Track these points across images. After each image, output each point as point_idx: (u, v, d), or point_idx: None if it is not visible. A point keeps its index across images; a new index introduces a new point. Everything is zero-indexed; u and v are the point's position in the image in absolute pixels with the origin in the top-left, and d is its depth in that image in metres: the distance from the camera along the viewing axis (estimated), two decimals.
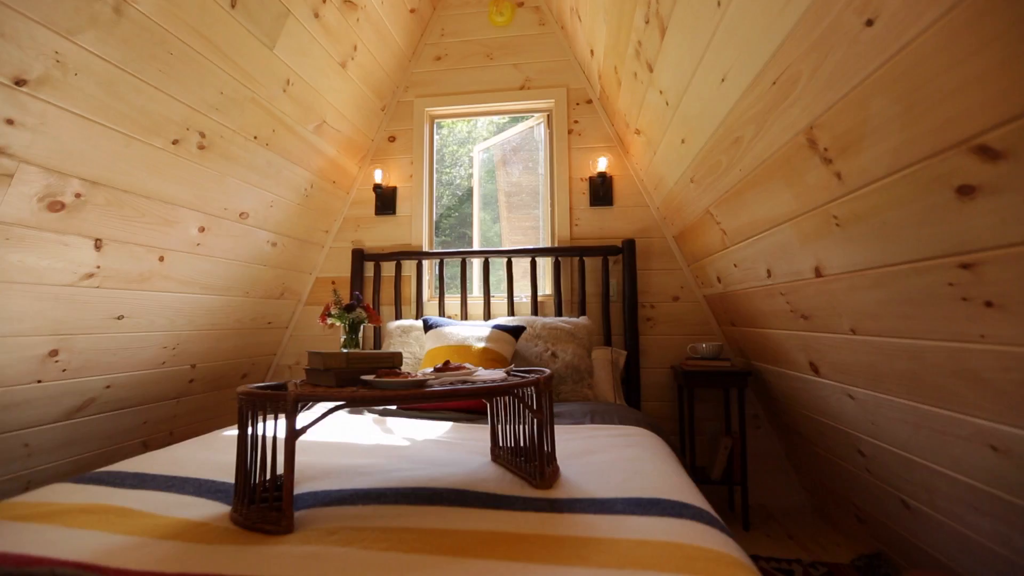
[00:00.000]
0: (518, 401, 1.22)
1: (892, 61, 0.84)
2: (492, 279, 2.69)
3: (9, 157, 1.27)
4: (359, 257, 2.73)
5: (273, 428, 0.99)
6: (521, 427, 1.24)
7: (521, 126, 3.00)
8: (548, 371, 1.30)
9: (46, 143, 1.33)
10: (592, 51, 2.39)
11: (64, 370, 1.63)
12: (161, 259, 1.80)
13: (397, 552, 0.80)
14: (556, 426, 1.72)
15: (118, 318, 1.73)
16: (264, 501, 0.96)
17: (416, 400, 1.03)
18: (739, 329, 2.23)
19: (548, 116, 2.82)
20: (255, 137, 1.99)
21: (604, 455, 1.37)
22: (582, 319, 2.37)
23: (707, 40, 1.33)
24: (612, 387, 2.25)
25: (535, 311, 2.57)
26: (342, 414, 1.91)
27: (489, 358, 1.99)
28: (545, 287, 2.75)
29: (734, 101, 1.36)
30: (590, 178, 2.66)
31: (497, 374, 1.23)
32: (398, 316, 2.67)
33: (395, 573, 0.72)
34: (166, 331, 1.96)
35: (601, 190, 2.63)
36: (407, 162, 2.85)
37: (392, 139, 2.88)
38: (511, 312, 2.59)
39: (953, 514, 1.29)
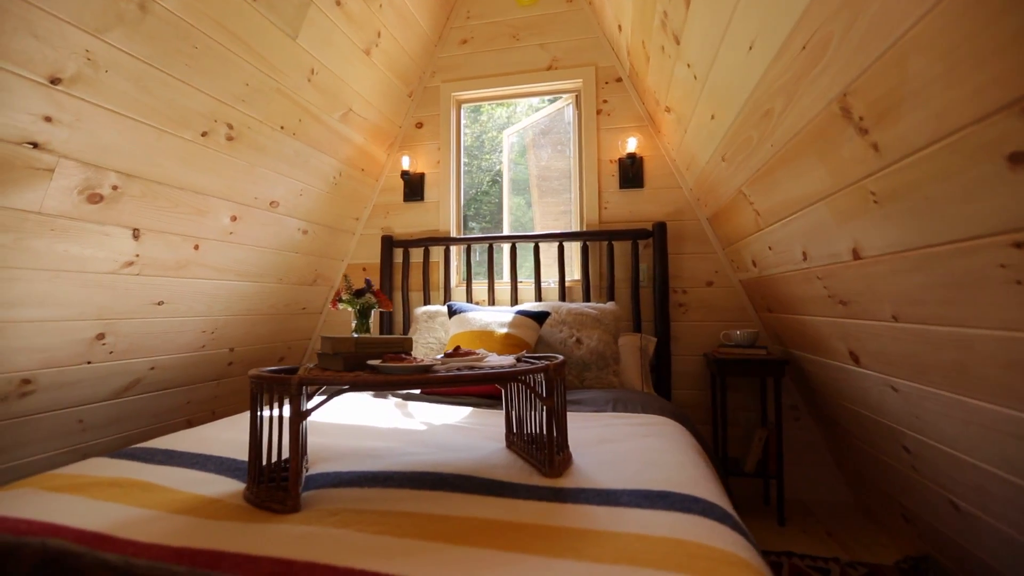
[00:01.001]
0: (527, 388, 1.20)
1: (932, 13, 0.74)
2: (525, 264, 2.65)
3: (49, 153, 1.35)
4: (388, 244, 2.77)
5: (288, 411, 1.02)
6: (534, 414, 1.22)
7: (551, 108, 2.93)
8: (560, 358, 1.28)
9: (82, 138, 1.40)
10: (620, 26, 2.29)
11: (111, 352, 1.74)
12: (196, 247, 1.88)
13: (390, 536, 0.80)
14: (576, 413, 1.69)
15: (158, 304, 1.83)
16: (272, 481, 0.99)
17: (419, 385, 1.03)
18: (776, 316, 2.11)
19: (576, 96, 2.73)
20: (282, 127, 2.03)
21: (621, 444, 1.33)
22: (609, 304, 2.31)
23: (732, 4, 1.23)
24: (640, 374, 2.19)
25: (563, 296, 2.53)
26: (366, 398, 1.95)
27: (511, 344, 1.98)
28: (574, 272, 2.70)
29: (763, 70, 1.26)
30: (620, 160, 2.57)
31: (506, 360, 1.21)
32: (427, 302, 2.70)
33: (383, 557, 0.72)
34: (204, 316, 2.06)
35: (631, 172, 2.54)
36: (435, 148, 2.85)
37: (419, 125, 2.88)
38: (539, 297, 2.56)
39: (1006, 518, 1.17)
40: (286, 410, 1.23)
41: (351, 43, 2.17)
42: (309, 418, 1.62)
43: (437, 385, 1.04)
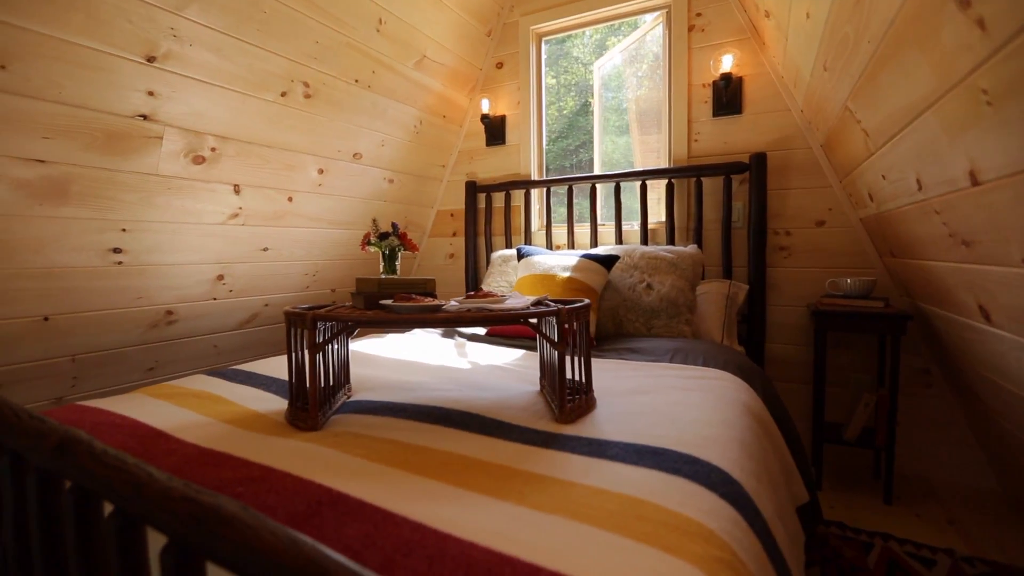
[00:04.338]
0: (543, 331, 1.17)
1: None
2: (615, 205, 2.49)
3: (156, 123, 1.60)
4: (472, 189, 2.82)
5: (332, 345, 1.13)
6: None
7: (639, 31, 2.62)
8: (585, 301, 1.22)
9: (180, 108, 1.63)
10: None
11: (230, 291, 2.09)
12: (290, 199, 2.12)
13: (365, 460, 0.87)
14: (627, 362, 1.62)
15: (264, 250, 2.13)
16: (301, 402, 1.12)
17: (423, 324, 1.06)
18: (900, 261, 1.73)
19: (667, 13, 2.40)
20: (356, 80, 2.13)
21: (654, 396, 1.25)
22: (689, 248, 2.10)
23: None
24: (721, 324, 1.99)
25: (644, 240, 2.37)
26: (434, 337, 2.08)
27: (573, 288, 1.92)
28: (661, 213, 2.48)
29: None
30: (713, 83, 2.23)
31: (521, 302, 1.19)
32: (508, 246, 2.72)
33: (343, 476, 0.79)
34: (305, 260, 2.35)
35: (725, 96, 2.20)
36: (515, 88, 2.76)
37: (500, 65, 2.80)
38: (619, 240, 2.43)
39: None
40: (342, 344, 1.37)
41: None
42: (369, 351, 1.79)
43: (439, 325, 1.06)
